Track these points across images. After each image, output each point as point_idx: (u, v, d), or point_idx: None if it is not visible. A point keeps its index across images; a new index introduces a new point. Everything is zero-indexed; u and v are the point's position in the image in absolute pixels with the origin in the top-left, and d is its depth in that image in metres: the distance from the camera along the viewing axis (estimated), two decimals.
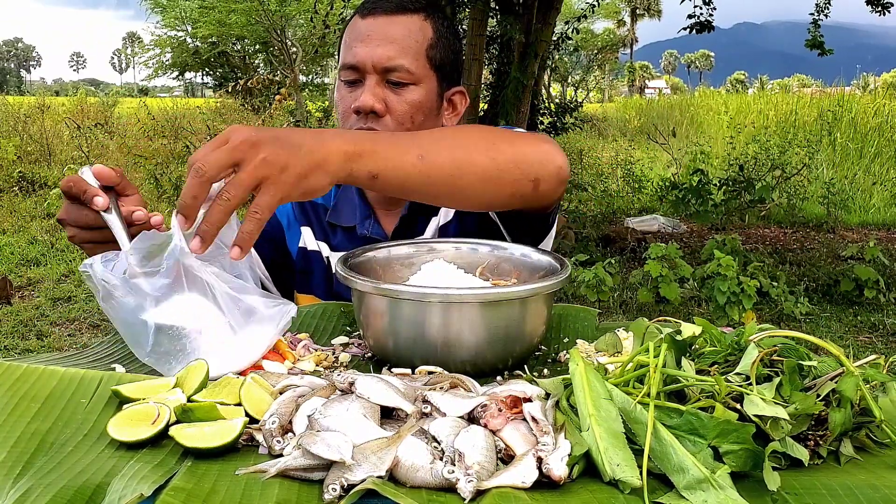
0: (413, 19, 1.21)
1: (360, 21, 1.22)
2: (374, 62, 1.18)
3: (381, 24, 1.19)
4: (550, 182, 1.02)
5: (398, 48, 1.18)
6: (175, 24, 19.97)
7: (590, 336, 1.00)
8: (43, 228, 6.95)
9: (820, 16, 7.05)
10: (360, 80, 1.20)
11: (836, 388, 0.66)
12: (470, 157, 0.94)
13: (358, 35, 1.20)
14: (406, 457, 0.61)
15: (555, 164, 1.02)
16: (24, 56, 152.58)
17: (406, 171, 0.88)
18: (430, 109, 1.24)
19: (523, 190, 0.99)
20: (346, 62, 1.21)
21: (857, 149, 10.67)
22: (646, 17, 60.83)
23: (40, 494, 0.58)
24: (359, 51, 1.19)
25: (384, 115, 1.19)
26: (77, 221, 0.94)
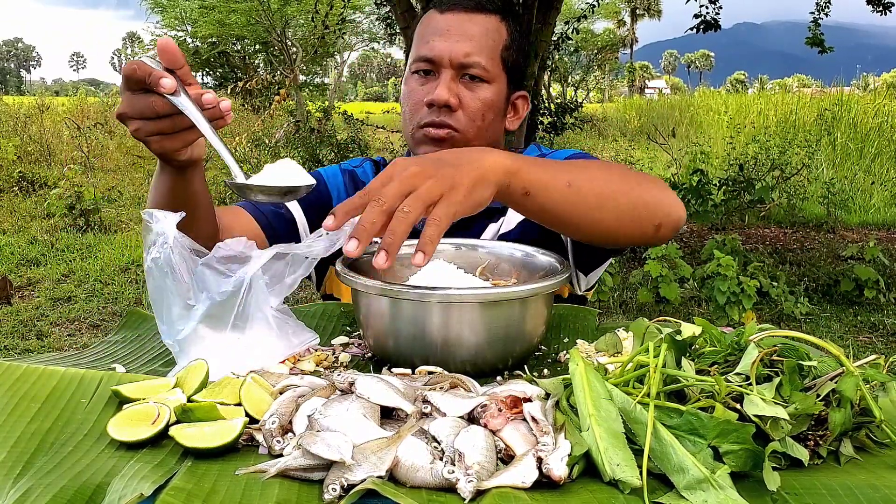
0: (491, 19, 1.23)
1: (438, 16, 1.23)
2: (451, 56, 1.19)
3: (460, 21, 1.21)
4: (669, 229, 1.04)
5: (476, 45, 1.20)
6: (175, 24, 19.96)
7: (590, 336, 1.00)
8: (43, 228, 6.95)
9: (820, 14, 7.04)
10: (434, 73, 1.21)
11: (836, 388, 0.66)
12: (612, 194, 0.97)
13: (436, 29, 1.21)
14: (406, 457, 0.61)
15: (678, 213, 1.05)
16: (23, 56, 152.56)
17: (554, 195, 0.91)
18: (499, 109, 1.25)
19: (646, 232, 1.02)
20: (423, 55, 1.21)
21: (857, 149, 10.67)
22: (646, 17, 60.83)
23: (40, 494, 0.58)
24: (437, 44, 1.20)
25: (457, 109, 1.20)
26: (142, 112, 0.85)
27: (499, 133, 1.30)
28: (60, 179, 7.31)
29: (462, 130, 1.21)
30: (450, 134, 1.20)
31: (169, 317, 0.85)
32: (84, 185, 7.28)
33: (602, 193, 0.96)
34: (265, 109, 14.10)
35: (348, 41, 23.82)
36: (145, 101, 0.85)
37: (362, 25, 22.28)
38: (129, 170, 9.81)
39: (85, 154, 10.32)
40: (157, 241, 0.83)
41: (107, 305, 4.86)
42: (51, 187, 7.86)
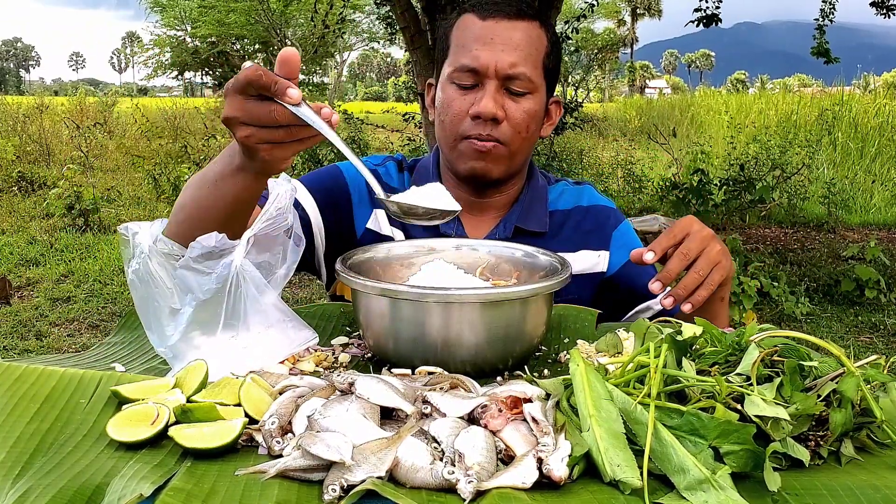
0: (532, 26, 1.19)
1: (478, 21, 1.18)
2: (497, 67, 1.15)
3: (503, 29, 1.17)
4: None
5: (522, 55, 1.16)
6: (174, 23, 19.97)
7: (590, 336, 1.00)
8: (42, 228, 6.95)
9: (825, 21, 6.99)
10: (477, 84, 1.17)
11: (836, 388, 0.66)
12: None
13: (479, 37, 1.17)
14: (406, 457, 0.61)
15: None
16: (23, 56, 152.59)
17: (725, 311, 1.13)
18: (539, 119, 1.24)
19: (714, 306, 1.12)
20: (465, 64, 1.17)
21: (858, 148, 10.67)
22: (646, 16, 60.84)
23: (40, 494, 0.58)
24: (481, 54, 1.16)
25: (502, 122, 1.17)
26: (260, 119, 0.81)
27: (535, 140, 1.28)
28: (59, 179, 7.31)
29: (507, 143, 1.19)
30: (495, 146, 1.18)
31: (158, 324, 0.85)
32: (83, 185, 7.28)
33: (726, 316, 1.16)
34: None
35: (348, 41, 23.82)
36: (265, 109, 0.81)
37: (362, 25, 22.30)
38: (129, 170, 9.80)
39: (84, 154, 10.33)
40: (135, 252, 0.83)
41: (106, 305, 4.86)
42: (50, 187, 7.86)
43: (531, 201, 1.30)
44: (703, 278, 0.98)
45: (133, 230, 0.84)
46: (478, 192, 1.27)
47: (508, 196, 1.30)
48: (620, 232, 1.32)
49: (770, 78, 62.60)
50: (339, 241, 1.28)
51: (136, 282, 0.84)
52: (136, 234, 0.84)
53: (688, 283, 0.97)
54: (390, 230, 1.29)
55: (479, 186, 1.26)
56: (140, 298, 0.85)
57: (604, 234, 1.32)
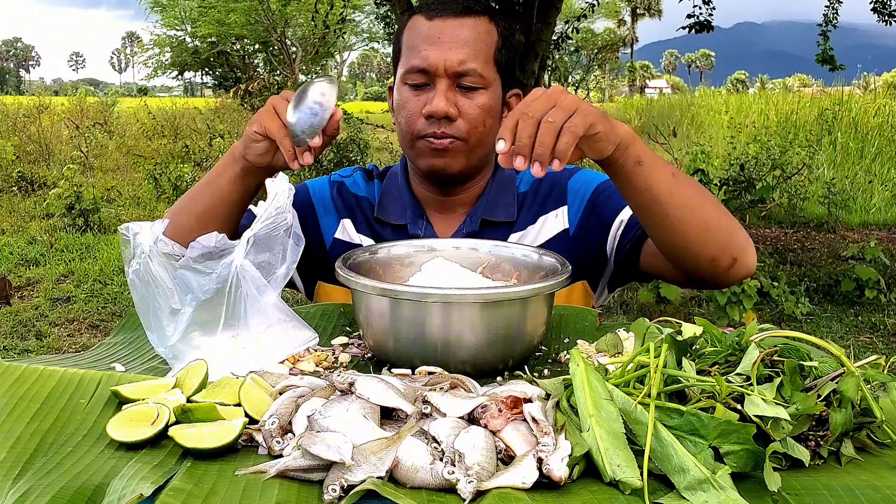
0: (481, 21, 1.20)
1: (426, 22, 1.20)
2: (446, 66, 1.16)
3: (450, 27, 1.18)
4: (741, 271, 1.06)
5: (470, 51, 1.17)
6: (174, 23, 19.98)
7: (590, 336, 1.00)
8: (42, 228, 6.95)
9: (828, 26, 6.96)
10: (429, 83, 1.18)
11: (836, 388, 0.66)
12: (704, 203, 1.02)
13: (426, 37, 1.18)
14: (406, 457, 0.61)
15: (752, 258, 1.07)
16: (23, 56, 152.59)
17: (662, 176, 0.97)
18: (496, 113, 1.23)
19: (722, 261, 1.04)
20: (415, 65, 1.18)
21: (858, 148, 10.66)
22: (646, 16, 60.85)
23: (40, 495, 0.58)
24: (430, 54, 1.17)
25: (456, 119, 1.18)
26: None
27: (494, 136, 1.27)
28: (59, 179, 7.31)
29: (463, 138, 1.19)
30: (452, 143, 1.19)
31: (158, 325, 0.85)
32: (83, 185, 7.27)
33: (697, 197, 1.01)
34: None
35: (348, 41, 23.82)
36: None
37: (362, 25, 22.30)
38: (129, 170, 9.80)
39: (84, 154, 10.33)
40: (136, 252, 0.83)
41: (106, 306, 4.86)
42: (50, 187, 7.86)
43: (497, 192, 1.29)
44: (559, 126, 0.85)
45: (134, 230, 0.84)
46: (443, 189, 1.28)
47: (475, 191, 1.29)
48: (575, 180, 1.29)
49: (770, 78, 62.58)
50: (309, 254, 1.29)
51: (137, 282, 0.84)
52: (136, 234, 0.84)
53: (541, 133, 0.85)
54: (359, 238, 1.31)
55: (443, 184, 1.27)
56: (140, 298, 0.85)
57: (559, 189, 1.29)
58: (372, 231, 1.31)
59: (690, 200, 1.00)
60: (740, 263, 1.05)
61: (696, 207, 1.00)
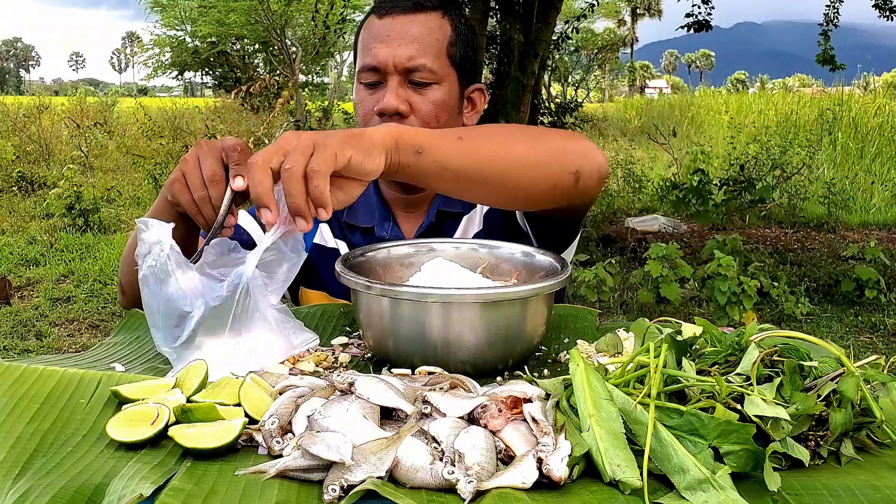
0: (432, 17, 1.20)
1: (377, 21, 1.20)
2: (395, 63, 1.17)
3: (400, 24, 1.18)
4: (592, 178, 1.01)
5: (419, 47, 1.17)
6: (174, 23, 19.97)
7: (590, 336, 1.00)
8: (42, 228, 6.95)
9: (829, 26, 6.96)
10: (382, 81, 1.19)
11: (836, 388, 0.66)
12: (508, 145, 0.94)
13: (377, 35, 1.19)
14: (406, 457, 0.61)
15: (596, 160, 1.02)
16: (23, 56, 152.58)
17: (447, 149, 0.89)
18: (452, 108, 1.23)
19: (564, 183, 0.98)
20: (366, 64, 1.19)
21: (858, 148, 10.66)
22: (646, 16, 60.84)
23: (40, 494, 0.58)
24: (379, 52, 1.17)
25: (408, 115, 1.18)
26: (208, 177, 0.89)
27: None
28: (59, 179, 7.31)
29: None
30: None
31: (166, 324, 0.85)
32: (83, 185, 7.27)
33: (497, 144, 0.94)
34: (265, 110, 14.10)
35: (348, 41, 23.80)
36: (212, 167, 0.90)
37: None
38: (129, 170, 9.80)
39: (84, 154, 10.33)
40: (153, 249, 0.83)
41: (106, 305, 4.86)
42: (50, 187, 7.86)
43: None
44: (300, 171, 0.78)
45: (153, 225, 0.84)
46: (406, 188, 1.28)
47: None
48: None
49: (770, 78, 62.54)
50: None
51: (150, 278, 0.84)
52: (153, 228, 0.84)
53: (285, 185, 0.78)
54: (335, 242, 1.32)
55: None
56: (151, 295, 0.85)
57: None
58: (344, 235, 1.32)
59: (492, 151, 0.93)
60: (584, 173, 0.99)
61: (502, 157, 0.93)
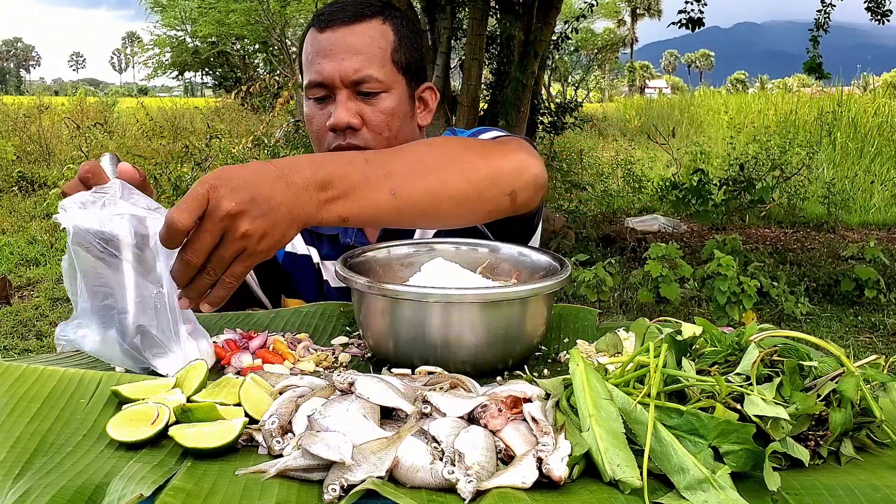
0: (372, 25, 1.19)
1: (318, 35, 1.19)
2: (342, 77, 1.16)
3: (341, 36, 1.17)
4: (528, 192, 1.01)
5: (364, 58, 1.16)
6: (174, 23, 19.96)
7: (590, 336, 1.00)
8: (42, 228, 6.95)
9: (819, 31, 6.98)
10: (330, 95, 1.18)
11: (836, 388, 0.66)
12: (445, 184, 0.92)
13: (320, 50, 1.18)
14: (406, 457, 0.61)
15: (530, 173, 1.01)
16: (23, 56, 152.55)
17: (377, 209, 0.86)
18: (404, 114, 1.22)
19: (501, 205, 0.99)
20: (313, 80, 1.18)
21: (858, 148, 10.66)
22: (646, 16, 60.84)
23: (40, 494, 0.58)
24: (324, 66, 1.16)
25: (360, 128, 1.18)
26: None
27: (411, 133, 1.26)
28: (60, 179, 7.31)
29: (371, 146, 1.18)
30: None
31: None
32: None
33: (433, 188, 0.91)
34: (265, 110, 14.10)
35: None
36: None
37: None
38: None
39: (84, 154, 10.31)
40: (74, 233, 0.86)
41: None
42: (50, 187, 7.86)
43: None
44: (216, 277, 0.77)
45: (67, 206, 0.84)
46: None
47: None
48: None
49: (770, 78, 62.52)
50: (265, 273, 1.33)
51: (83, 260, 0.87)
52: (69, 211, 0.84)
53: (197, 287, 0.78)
54: (306, 249, 1.33)
55: None
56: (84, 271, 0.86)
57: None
58: (314, 242, 1.33)
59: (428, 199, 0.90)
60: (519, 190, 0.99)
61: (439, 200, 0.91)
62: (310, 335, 1.00)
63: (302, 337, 0.98)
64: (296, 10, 16.39)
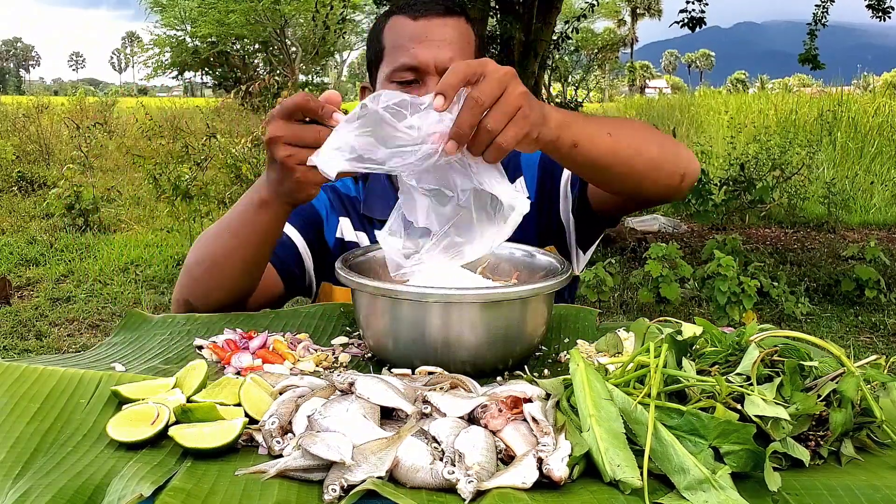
0: (461, 22, 1.25)
1: (410, 22, 1.23)
2: (436, 63, 1.20)
3: (436, 26, 1.22)
4: (690, 180, 1.10)
5: (457, 49, 1.22)
6: (174, 23, 19.98)
7: (590, 336, 1.00)
8: (42, 228, 6.95)
9: (817, 25, 7.00)
10: (418, 80, 1.21)
11: (836, 388, 0.66)
12: (646, 143, 1.03)
13: (414, 36, 1.22)
14: (406, 457, 0.61)
15: (696, 165, 1.12)
16: (23, 56, 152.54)
17: (599, 145, 0.97)
18: None
19: (672, 183, 1.08)
20: (405, 63, 1.21)
21: (858, 148, 10.66)
22: (646, 16, 60.84)
23: (40, 494, 0.58)
24: (419, 52, 1.20)
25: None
26: (303, 139, 0.89)
27: None
28: (59, 179, 7.31)
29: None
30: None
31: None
32: (83, 185, 7.27)
33: (637, 142, 1.02)
34: (265, 109, 14.10)
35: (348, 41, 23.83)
36: (311, 130, 0.89)
37: (362, 25, 22.30)
38: (129, 169, 9.79)
39: (84, 154, 10.33)
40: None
41: (106, 305, 4.86)
42: (50, 187, 7.86)
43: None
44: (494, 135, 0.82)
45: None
46: None
47: None
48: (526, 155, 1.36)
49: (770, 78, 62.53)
50: (318, 257, 1.34)
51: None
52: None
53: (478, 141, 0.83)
54: (355, 235, 1.35)
55: None
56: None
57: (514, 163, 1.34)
58: (364, 227, 1.35)
59: (633, 150, 1.01)
60: (688, 176, 1.10)
61: (640, 153, 1.02)
62: (310, 335, 1.00)
63: (302, 337, 0.98)
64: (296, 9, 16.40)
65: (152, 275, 5.50)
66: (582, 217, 1.27)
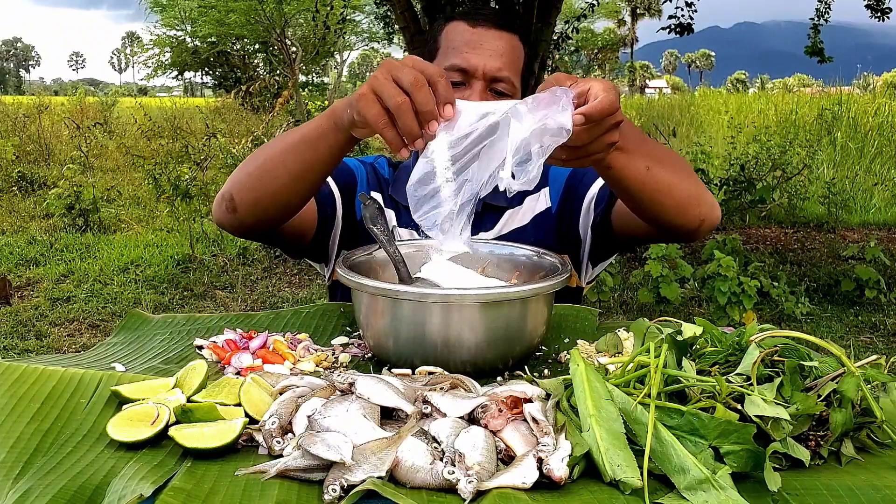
0: (514, 38, 1.31)
1: (468, 28, 1.29)
2: (485, 70, 1.25)
3: (491, 37, 1.28)
4: (708, 226, 1.13)
5: (506, 61, 1.28)
6: (174, 23, 19.96)
7: (590, 336, 1.00)
8: (42, 228, 6.95)
9: (820, 20, 7.01)
10: (464, 83, 1.26)
11: (837, 388, 0.66)
12: (679, 182, 1.06)
13: (469, 42, 1.28)
14: (406, 457, 0.61)
15: (717, 214, 1.14)
16: (23, 56, 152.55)
17: (634, 176, 0.99)
18: None
19: (692, 223, 1.10)
20: (456, 64, 1.26)
21: (858, 148, 10.66)
22: (646, 16, 60.85)
23: (40, 494, 0.58)
24: (471, 56, 1.26)
25: None
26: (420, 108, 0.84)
27: None
28: (59, 179, 7.31)
29: None
30: None
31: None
32: (83, 185, 7.26)
33: (671, 181, 1.04)
34: (265, 109, 14.10)
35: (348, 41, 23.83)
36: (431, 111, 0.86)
37: (362, 25, 22.30)
38: (129, 169, 9.79)
39: (84, 154, 10.33)
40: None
41: (106, 305, 4.86)
42: (50, 187, 7.85)
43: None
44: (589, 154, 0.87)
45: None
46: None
47: None
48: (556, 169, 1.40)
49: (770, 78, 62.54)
50: (346, 226, 1.36)
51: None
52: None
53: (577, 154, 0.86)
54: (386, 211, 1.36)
55: None
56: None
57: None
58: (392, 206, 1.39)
59: (666, 187, 1.03)
60: (707, 222, 1.12)
61: (671, 192, 1.04)
62: (310, 335, 1.00)
63: (302, 337, 0.98)
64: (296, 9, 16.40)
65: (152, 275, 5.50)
66: (600, 234, 1.31)
